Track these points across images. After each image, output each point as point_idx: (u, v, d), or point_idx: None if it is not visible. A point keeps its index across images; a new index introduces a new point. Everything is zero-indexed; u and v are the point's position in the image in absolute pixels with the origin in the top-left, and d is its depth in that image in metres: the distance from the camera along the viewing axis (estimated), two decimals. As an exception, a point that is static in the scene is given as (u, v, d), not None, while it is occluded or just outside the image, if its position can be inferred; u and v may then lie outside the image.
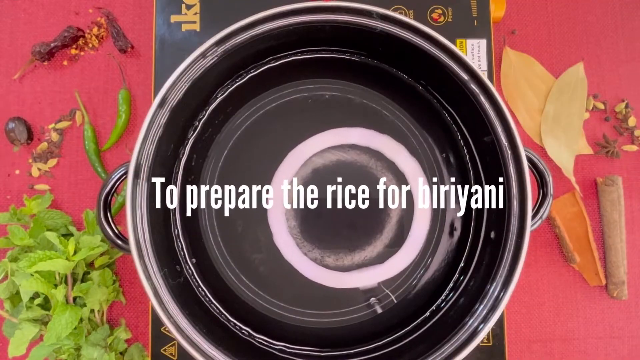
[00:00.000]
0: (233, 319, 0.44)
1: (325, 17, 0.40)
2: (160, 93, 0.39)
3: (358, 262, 0.45)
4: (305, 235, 0.45)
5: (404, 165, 0.46)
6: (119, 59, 0.54)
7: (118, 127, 0.52)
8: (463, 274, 0.45)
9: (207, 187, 0.45)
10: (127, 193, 0.38)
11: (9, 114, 0.53)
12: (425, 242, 0.45)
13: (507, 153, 0.40)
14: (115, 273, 0.52)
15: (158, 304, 0.38)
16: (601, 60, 0.56)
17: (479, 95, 0.40)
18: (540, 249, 0.53)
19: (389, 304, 0.45)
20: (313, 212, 0.45)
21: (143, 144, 0.39)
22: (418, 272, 0.45)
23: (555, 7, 0.56)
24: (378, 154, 0.46)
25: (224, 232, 0.45)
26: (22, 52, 0.54)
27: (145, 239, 0.39)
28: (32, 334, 0.46)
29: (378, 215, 0.45)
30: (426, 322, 0.44)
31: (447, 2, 0.49)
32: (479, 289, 0.41)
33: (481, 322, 0.39)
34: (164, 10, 0.48)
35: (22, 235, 0.47)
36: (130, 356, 0.49)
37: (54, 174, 0.53)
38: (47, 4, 0.55)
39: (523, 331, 0.52)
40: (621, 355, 0.52)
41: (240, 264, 0.44)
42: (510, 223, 0.39)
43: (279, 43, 0.43)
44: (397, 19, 0.40)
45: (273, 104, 0.46)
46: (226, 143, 0.45)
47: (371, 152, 0.46)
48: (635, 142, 0.55)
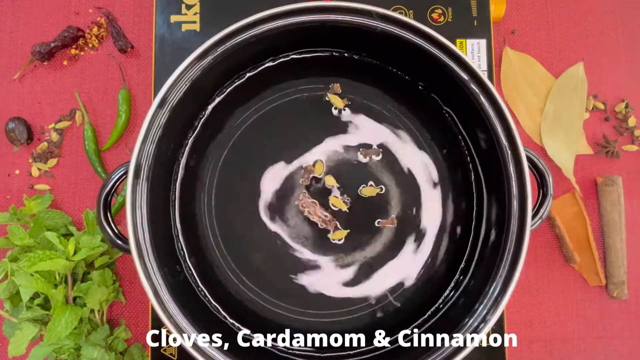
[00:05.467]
0: (232, 319, 0.44)
1: (325, 17, 0.40)
2: (160, 93, 0.39)
3: (359, 263, 0.45)
4: (306, 235, 0.45)
5: (404, 164, 0.46)
6: (119, 59, 0.54)
7: (118, 127, 0.52)
8: (463, 274, 0.45)
9: (206, 187, 0.45)
10: (127, 193, 0.38)
11: (9, 114, 0.53)
12: (426, 242, 0.45)
13: (507, 153, 0.40)
14: (115, 273, 0.52)
15: (158, 304, 0.38)
16: (601, 60, 0.56)
17: (479, 95, 0.40)
18: (540, 249, 0.53)
19: (389, 305, 0.45)
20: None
21: (143, 144, 0.39)
22: (418, 272, 0.45)
23: (555, 7, 0.56)
24: (378, 153, 0.46)
25: (223, 232, 0.45)
26: (22, 52, 0.54)
27: (145, 239, 0.39)
28: (32, 334, 0.46)
29: (379, 215, 0.45)
30: (426, 322, 0.44)
31: (447, 2, 0.49)
32: (479, 289, 0.41)
33: (481, 322, 0.39)
34: (164, 10, 0.48)
35: (22, 235, 0.47)
36: (130, 356, 0.49)
37: (54, 174, 0.53)
38: (47, 4, 0.55)
39: (523, 331, 0.52)
40: (621, 355, 0.52)
41: (239, 264, 0.44)
42: (510, 223, 0.39)
43: (279, 43, 0.43)
44: (397, 19, 0.40)
45: (273, 104, 0.46)
46: (226, 143, 0.45)
47: (372, 152, 0.46)
48: (635, 142, 0.55)
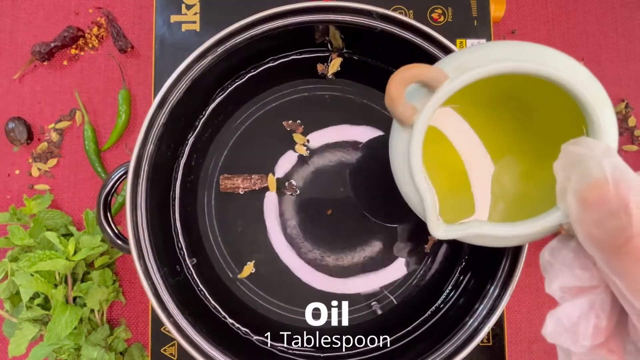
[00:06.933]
0: (232, 319, 0.44)
1: (325, 17, 0.40)
2: (160, 93, 0.39)
3: (358, 263, 0.45)
4: (305, 235, 0.45)
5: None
6: (119, 59, 0.54)
7: (118, 127, 0.52)
8: (463, 274, 0.45)
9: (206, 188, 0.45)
10: (127, 193, 0.38)
11: (9, 114, 0.53)
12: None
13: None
14: (115, 273, 0.52)
15: (158, 304, 0.38)
16: (601, 60, 0.56)
17: (479, 95, 0.40)
18: (541, 249, 0.53)
19: (388, 305, 0.45)
20: (313, 212, 0.45)
21: (143, 144, 0.39)
22: (418, 272, 0.45)
23: (555, 7, 0.56)
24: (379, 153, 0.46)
25: (224, 232, 0.45)
26: (22, 52, 0.54)
27: (145, 239, 0.39)
28: (32, 334, 0.46)
29: (379, 214, 0.45)
30: (426, 322, 0.44)
31: (447, 2, 0.49)
32: (479, 289, 0.41)
33: (481, 322, 0.39)
34: (164, 10, 0.48)
35: (22, 235, 0.47)
36: (130, 356, 0.49)
37: (54, 174, 0.53)
38: (47, 4, 0.55)
39: (523, 331, 0.52)
40: (621, 355, 0.52)
41: (240, 264, 0.44)
42: (510, 223, 0.39)
43: (279, 43, 0.43)
44: (397, 19, 0.40)
45: (273, 104, 0.46)
46: (226, 143, 0.45)
47: (372, 151, 0.46)
48: (635, 142, 0.55)
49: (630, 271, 0.17)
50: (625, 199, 0.17)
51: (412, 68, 0.25)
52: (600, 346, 0.19)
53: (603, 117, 0.23)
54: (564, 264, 0.20)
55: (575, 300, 0.19)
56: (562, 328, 0.19)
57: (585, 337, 0.19)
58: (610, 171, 0.18)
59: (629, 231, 0.16)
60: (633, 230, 0.16)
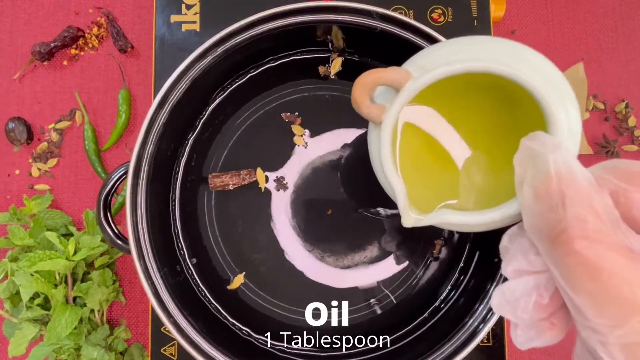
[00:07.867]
0: (232, 319, 0.44)
1: (325, 17, 0.40)
2: (160, 93, 0.39)
3: (358, 262, 0.45)
4: (306, 235, 0.45)
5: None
6: (119, 59, 0.54)
7: (118, 127, 0.52)
8: (463, 274, 0.45)
9: (207, 187, 0.45)
10: (127, 193, 0.38)
11: (9, 114, 0.53)
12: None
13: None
14: (115, 273, 0.52)
15: (158, 304, 0.38)
16: (601, 60, 0.56)
17: (479, 95, 0.40)
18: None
19: (388, 304, 0.45)
20: (314, 212, 0.45)
21: (143, 144, 0.39)
22: (418, 272, 0.45)
23: (555, 7, 0.57)
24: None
25: (224, 232, 0.45)
26: (22, 52, 0.54)
27: (145, 239, 0.39)
28: (32, 334, 0.46)
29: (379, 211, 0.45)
30: (426, 322, 0.44)
31: (447, 2, 0.49)
32: (479, 289, 0.41)
33: (481, 322, 0.39)
34: (164, 10, 0.48)
35: (22, 235, 0.47)
36: (130, 356, 0.49)
37: (54, 174, 0.53)
38: (47, 4, 0.55)
39: (523, 331, 0.52)
40: (621, 355, 0.52)
41: (240, 264, 0.44)
42: (510, 223, 0.39)
43: (279, 43, 0.43)
44: (397, 19, 0.40)
45: (273, 104, 0.46)
46: (226, 143, 0.45)
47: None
48: (635, 142, 0.55)
49: (562, 260, 0.18)
50: (563, 193, 0.18)
51: (372, 73, 0.27)
52: (544, 320, 0.21)
53: (558, 113, 0.24)
54: (519, 250, 0.21)
55: (522, 278, 0.21)
56: (505, 300, 0.21)
57: (524, 310, 0.21)
58: (555, 167, 0.19)
59: (563, 224, 0.18)
60: (567, 223, 0.18)
